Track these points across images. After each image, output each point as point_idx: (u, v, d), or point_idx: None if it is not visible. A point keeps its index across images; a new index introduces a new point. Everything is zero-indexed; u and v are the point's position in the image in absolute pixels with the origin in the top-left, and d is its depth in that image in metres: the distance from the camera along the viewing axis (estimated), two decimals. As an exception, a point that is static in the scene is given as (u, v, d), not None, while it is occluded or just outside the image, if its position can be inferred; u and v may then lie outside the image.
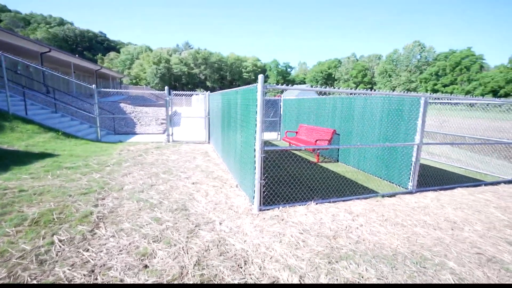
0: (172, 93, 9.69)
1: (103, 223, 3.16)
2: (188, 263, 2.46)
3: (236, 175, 5.02)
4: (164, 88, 9.62)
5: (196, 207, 3.77)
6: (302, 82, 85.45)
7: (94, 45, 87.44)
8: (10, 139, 6.66)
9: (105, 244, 2.71)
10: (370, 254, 2.74)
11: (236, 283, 2.23)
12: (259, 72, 72.54)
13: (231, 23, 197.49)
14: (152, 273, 2.30)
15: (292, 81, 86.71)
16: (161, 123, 12.88)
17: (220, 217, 3.48)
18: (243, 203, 3.96)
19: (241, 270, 2.40)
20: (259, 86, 3.39)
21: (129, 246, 2.70)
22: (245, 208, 3.76)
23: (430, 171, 6.32)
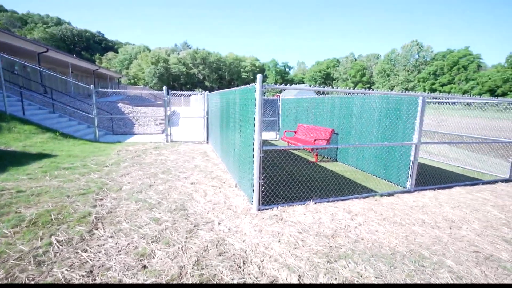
0: (171, 93, 9.67)
1: (102, 223, 3.15)
2: (187, 263, 2.46)
3: (235, 175, 5.02)
4: (163, 88, 9.61)
5: (195, 207, 3.76)
6: (301, 82, 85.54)
7: (92, 45, 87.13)
8: (7, 140, 6.62)
9: (103, 245, 2.70)
10: (368, 253, 2.74)
11: (235, 283, 2.23)
12: (257, 72, 72.40)
13: (229, 23, 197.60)
14: (151, 273, 2.29)
15: (291, 81, 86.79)
16: (160, 123, 12.85)
17: (219, 217, 3.48)
18: (242, 203, 3.96)
19: (240, 269, 2.40)
20: (257, 85, 3.38)
21: (128, 246, 2.70)
22: (244, 208, 3.76)
23: (428, 170, 6.35)
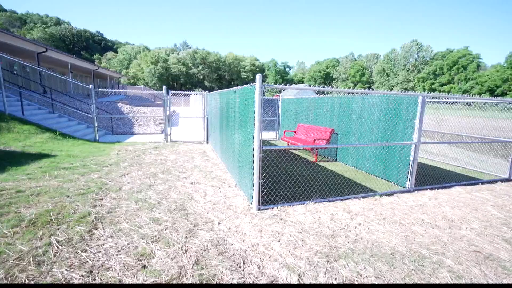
0: (170, 93, 9.67)
1: (101, 223, 3.15)
2: (187, 263, 2.46)
3: (234, 174, 5.02)
4: (162, 88, 9.60)
5: (195, 207, 3.76)
6: (301, 82, 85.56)
7: (91, 45, 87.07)
8: (6, 140, 6.61)
9: (103, 245, 2.70)
10: (368, 252, 2.75)
11: (235, 282, 2.23)
12: (257, 72, 72.62)
13: (229, 23, 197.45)
14: (150, 273, 2.29)
15: (291, 81, 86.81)
16: (159, 123, 12.84)
17: (218, 216, 3.48)
18: (241, 202, 3.96)
19: (240, 269, 2.40)
20: (257, 85, 3.38)
21: (128, 246, 2.70)
22: (243, 208, 3.76)
23: (427, 170, 6.35)
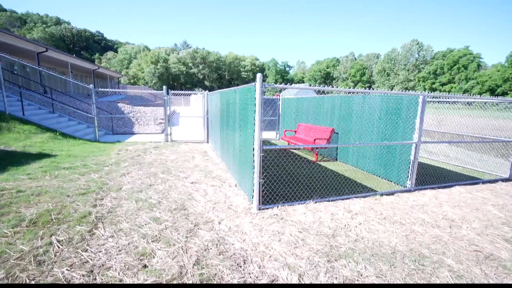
0: (170, 92, 9.66)
1: (102, 223, 3.15)
2: (188, 262, 2.46)
3: (235, 174, 5.02)
4: (162, 87, 9.60)
5: (195, 206, 3.76)
6: (301, 81, 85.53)
7: (91, 44, 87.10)
8: (7, 140, 6.62)
9: (104, 244, 2.70)
10: (369, 252, 2.75)
11: (236, 282, 2.23)
12: (257, 71, 72.50)
13: (229, 22, 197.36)
14: (151, 272, 2.29)
15: (291, 80, 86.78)
16: (160, 123, 12.84)
17: (219, 216, 3.48)
18: (242, 202, 3.97)
19: (240, 269, 2.40)
20: (257, 85, 3.38)
21: (128, 246, 2.70)
22: (244, 207, 3.76)
23: (428, 170, 6.35)
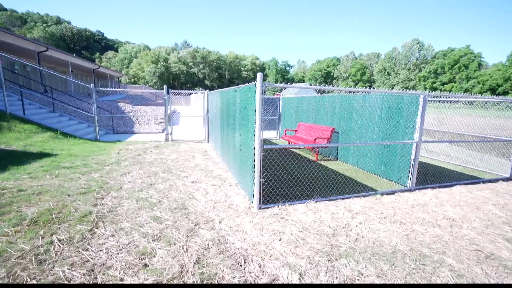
0: (171, 92, 9.66)
1: (103, 222, 3.15)
2: (188, 261, 2.46)
3: (235, 173, 5.02)
4: (163, 87, 9.59)
5: (196, 206, 3.77)
6: (301, 81, 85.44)
7: (92, 44, 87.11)
8: (8, 139, 6.63)
9: (104, 244, 2.71)
10: (369, 251, 2.74)
11: (236, 281, 2.23)
12: (258, 71, 72.61)
13: (230, 22, 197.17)
14: (152, 272, 2.30)
15: (291, 80, 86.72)
16: (160, 122, 12.85)
17: (219, 215, 3.48)
18: (242, 201, 3.97)
19: (241, 268, 2.40)
20: (258, 84, 3.38)
21: (129, 245, 2.70)
22: (244, 207, 3.77)
23: (429, 169, 6.34)
